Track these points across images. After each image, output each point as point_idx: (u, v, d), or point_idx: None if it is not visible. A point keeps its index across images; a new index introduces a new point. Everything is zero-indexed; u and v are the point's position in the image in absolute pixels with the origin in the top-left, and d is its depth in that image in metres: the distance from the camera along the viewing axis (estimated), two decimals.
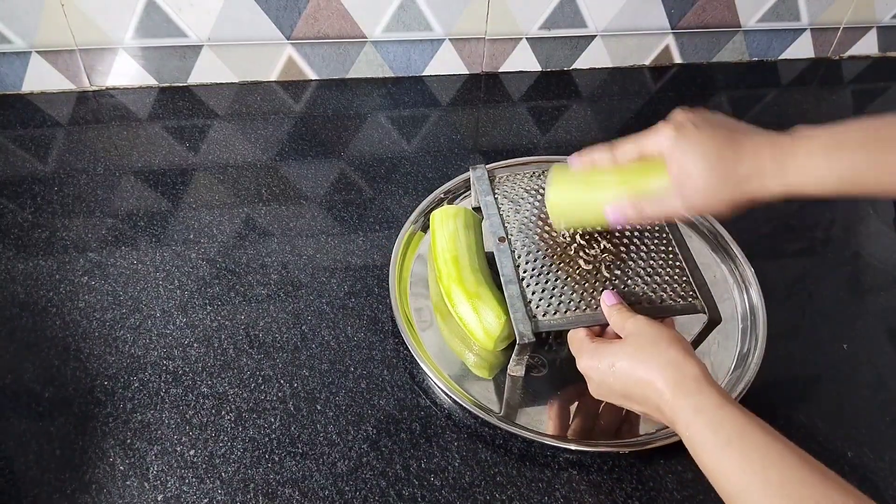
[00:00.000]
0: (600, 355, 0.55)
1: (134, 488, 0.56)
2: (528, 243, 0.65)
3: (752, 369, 0.65)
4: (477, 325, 0.65)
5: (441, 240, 0.71)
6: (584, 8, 0.97)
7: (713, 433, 0.46)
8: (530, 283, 0.62)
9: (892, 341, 0.72)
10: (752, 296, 0.73)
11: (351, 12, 0.92)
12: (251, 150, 0.88)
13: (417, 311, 0.70)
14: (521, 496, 0.58)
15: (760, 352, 0.67)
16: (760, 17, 1.04)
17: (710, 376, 0.50)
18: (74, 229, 0.76)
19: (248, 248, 0.76)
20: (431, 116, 0.95)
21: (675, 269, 0.63)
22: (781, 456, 0.44)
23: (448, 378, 0.65)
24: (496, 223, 0.67)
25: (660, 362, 0.51)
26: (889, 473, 0.61)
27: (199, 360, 0.65)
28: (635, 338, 0.54)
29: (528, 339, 0.58)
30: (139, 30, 0.89)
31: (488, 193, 0.70)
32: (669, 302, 0.61)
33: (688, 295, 0.62)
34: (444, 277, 0.69)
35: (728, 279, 0.76)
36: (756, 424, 0.46)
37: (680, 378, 0.50)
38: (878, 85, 1.08)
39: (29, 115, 0.90)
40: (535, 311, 0.60)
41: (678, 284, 0.62)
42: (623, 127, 0.96)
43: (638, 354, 0.53)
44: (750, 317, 0.71)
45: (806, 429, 0.64)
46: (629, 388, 0.53)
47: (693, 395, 0.49)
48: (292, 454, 0.59)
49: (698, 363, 0.51)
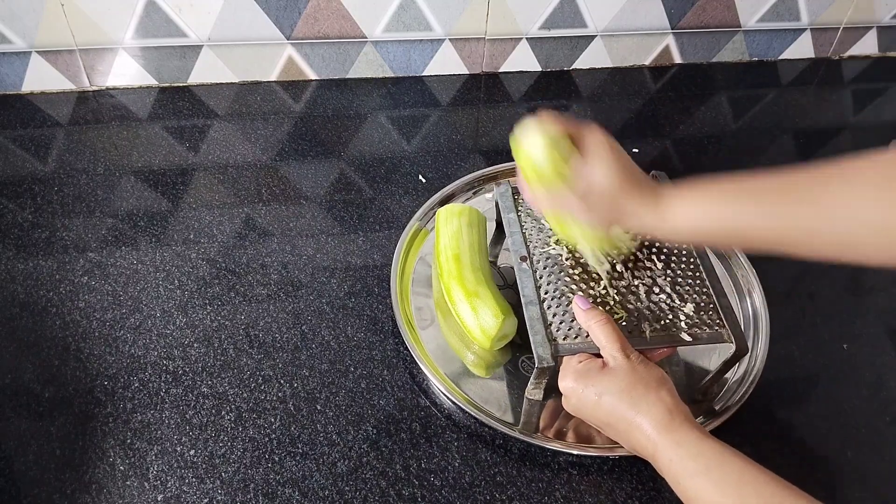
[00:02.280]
0: (586, 382, 0.55)
1: (134, 488, 0.56)
2: (551, 264, 0.63)
3: (755, 374, 0.65)
4: (475, 323, 0.65)
5: (444, 237, 0.71)
6: (584, 8, 0.97)
7: (693, 462, 0.49)
8: (551, 304, 0.60)
9: (892, 341, 0.72)
10: (755, 300, 0.72)
11: (351, 12, 0.92)
12: (251, 150, 0.88)
13: (418, 311, 0.70)
14: (521, 496, 0.58)
15: (763, 357, 0.67)
16: (760, 17, 1.04)
17: (692, 418, 0.53)
18: (74, 229, 0.76)
19: (248, 248, 0.76)
20: (431, 116, 0.95)
21: (703, 295, 0.62)
22: (756, 480, 0.47)
23: (447, 378, 0.65)
24: (518, 241, 0.65)
25: (649, 402, 0.53)
26: (889, 473, 0.61)
27: (199, 360, 0.65)
28: (627, 374, 0.54)
29: (546, 364, 0.57)
30: (139, 30, 0.89)
31: (511, 210, 0.69)
32: (696, 330, 0.60)
33: (714, 323, 0.60)
34: (444, 274, 0.69)
35: (729, 283, 0.75)
36: (733, 453, 0.49)
37: (668, 420, 0.52)
38: (878, 85, 1.08)
39: (29, 115, 0.90)
40: (556, 333, 0.58)
41: (705, 313, 0.61)
42: (623, 127, 0.96)
43: (628, 392, 0.53)
44: (752, 323, 0.71)
45: (806, 429, 0.64)
46: (612, 421, 0.54)
47: (676, 431, 0.51)
48: (292, 454, 0.59)
49: (684, 406, 0.53)
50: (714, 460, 0.49)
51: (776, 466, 0.61)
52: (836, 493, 0.60)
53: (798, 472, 0.61)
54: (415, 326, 0.68)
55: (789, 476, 0.61)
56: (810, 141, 0.96)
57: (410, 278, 0.73)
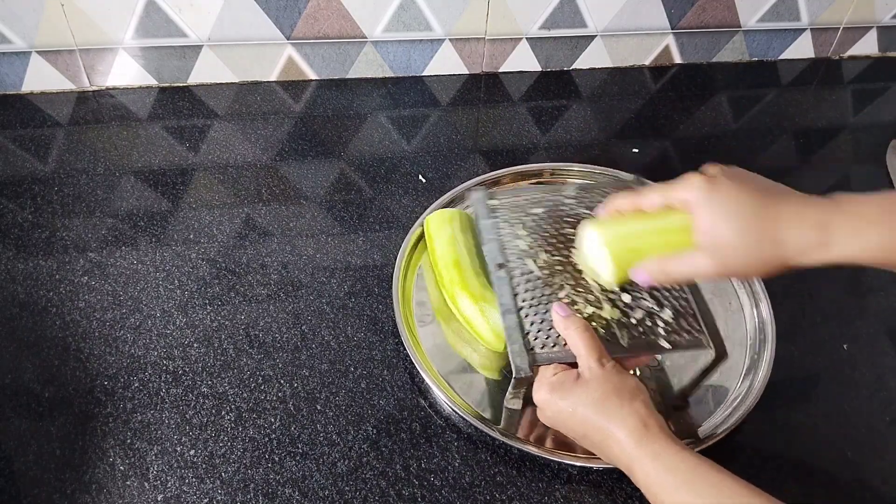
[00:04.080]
0: (560, 394, 0.54)
1: (134, 488, 0.56)
2: (527, 271, 0.62)
3: (760, 384, 0.65)
4: (485, 327, 0.65)
5: (440, 245, 0.71)
6: (584, 8, 0.97)
7: (671, 475, 0.49)
8: (528, 312, 0.59)
9: (892, 341, 0.72)
10: (762, 311, 0.71)
11: (351, 12, 0.92)
12: (251, 150, 0.88)
13: (420, 310, 0.70)
14: (521, 496, 0.58)
15: (768, 369, 0.66)
16: (760, 17, 1.04)
17: (667, 429, 0.52)
18: (74, 229, 0.76)
19: (248, 248, 0.76)
20: (431, 116, 0.95)
21: (681, 300, 0.60)
22: (733, 491, 0.47)
23: (450, 387, 0.64)
24: (494, 249, 0.64)
25: (623, 413, 0.52)
26: (889, 473, 0.61)
27: (199, 360, 0.65)
28: (601, 384, 0.53)
29: (524, 374, 0.56)
30: (139, 30, 0.89)
31: (487, 217, 0.67)
32: (675, 337, 0.58)
33: (694, 329, 0.59)
34: (446, 282, 0.69)
35: (738, 293, 0.74)
36: (710, 465, 0.49)
37: (643, 432, 0.51)
38: (878, 85, 1.08)
39: (29, 115, 0.90)
40: (534, 342, 0.57)
41: (684, 318, 0.59)
42: (623, 127, 0.96)
43: (603, 403, 0.52)
44: (759, 335, 0.70)
45: (806, 429, 0.64)
46: (588, 432, 0.53)
47: (651, 443, 0.50)
48: (292, 454, 0.59)
49: (659, 417, 0.52)
50: (691, 473, 0.48)
51: (776, 466, 0.61)
52: (836, 493, 0.60)
53: (798, 473, 0.61)
54: (415, 330, 0.68)
55: (789, 476, 0.62)
56: (810, 141, 0.96)
57: (413, 282, 0.73)
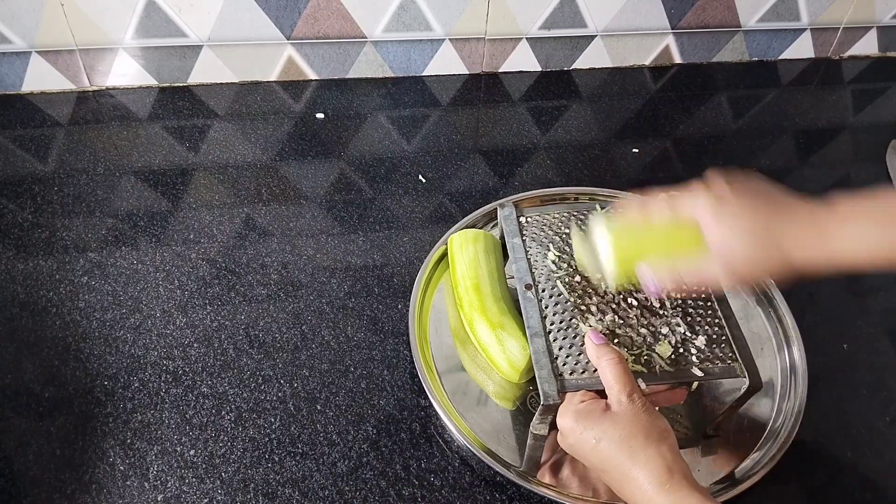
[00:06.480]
0: (586, 423, 0.52)
1: (134, 488, 0.56)
2: (556, 293, 0.60)
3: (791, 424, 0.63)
4: (501, 356, 0.63)
5: (461, 266, 0.69)
6: (584, 8, 0.97)
7: None
8: (557, 336, 0.57)
9: (892, 341, 0.72)
10: (793, 353, 0.68)
11: (351, 12, 0.92)
12: (251, 150, 0.88)
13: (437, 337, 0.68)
14: (521, 496, 0.58)
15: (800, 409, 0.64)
16: (760, 17, 1.04)
17: (692, 477, 0.50)
18: (74, 229, 0.76)
19: (248, 248, 0.76)
20: (431, 116, 0.95)
21: (714, 327, 0.58)
22: None
23: (461, 416, 0.62)
24: (523, 269, 0.62)
25: (648, 455, 0.50)
26: (889, 473, 0.61)
27: (199, 360, 0.65)
28: (629, 421, 0.51)
29: (553, 400, 0.54)
30: (139, 30, 0.89)
31: (516, 235, 0.65)
32: (708, 364, 0.56)
33: (727, 357, 0.57)
34: (465, 306, 0.67)
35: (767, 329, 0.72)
36: None
37: (666, 477, 0.48)
38: (878, 85, 1.08)
39: (29, 115, 0.90)
40: (562, 368, 0.55)
41: (717, 346, 0.57)
42: (623, 127, 0.96)
43: (628, 442, 0.50)
44: (791, 376, 0.67)
45: (806, 429, 0.64)
46: (608, 469, 0.52)
47: (675, 491, 0.48)
48: (292, 454, 0.59)
49: (684, 463, 0.50)
50: None
51: (776, 467, 0.61)
52: (836, 493, 0.60)
53: (797, 473, 0.61)
54: (434, 367, 0.66)
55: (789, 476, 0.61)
56: (810, 141, 0.96)
57: (429, 315, 0.70)
